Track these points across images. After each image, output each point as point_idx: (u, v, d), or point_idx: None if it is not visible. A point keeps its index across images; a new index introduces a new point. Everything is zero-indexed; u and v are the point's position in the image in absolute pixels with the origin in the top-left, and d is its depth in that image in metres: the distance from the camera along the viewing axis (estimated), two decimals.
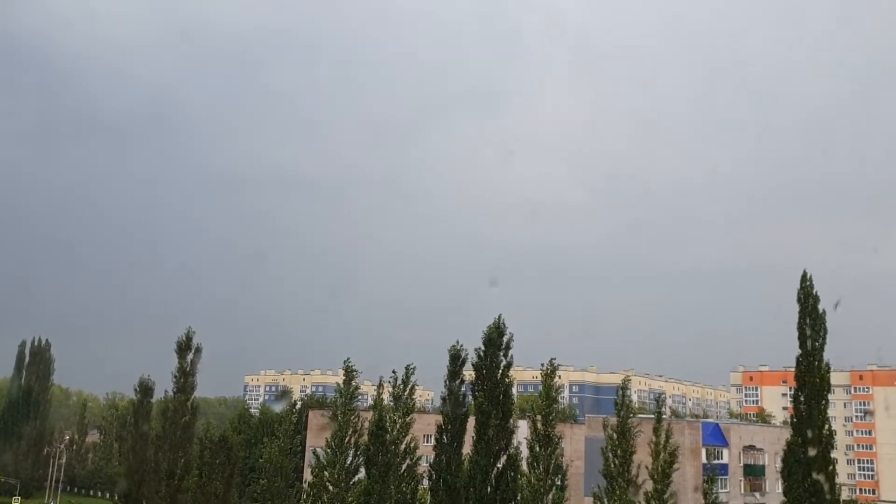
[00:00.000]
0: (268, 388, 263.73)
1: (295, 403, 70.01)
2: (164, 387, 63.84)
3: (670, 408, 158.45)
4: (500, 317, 48.13)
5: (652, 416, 55.52)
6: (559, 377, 53.20)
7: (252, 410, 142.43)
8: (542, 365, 50.26)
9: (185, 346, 60.67)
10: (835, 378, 56.12)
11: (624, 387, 52.16)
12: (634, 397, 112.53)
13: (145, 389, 67.53)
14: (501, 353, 47.81)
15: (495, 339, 47.76)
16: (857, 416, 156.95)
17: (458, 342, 48.26)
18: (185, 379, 60.68)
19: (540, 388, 50.26)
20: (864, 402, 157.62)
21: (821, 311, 45.78)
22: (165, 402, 62.24)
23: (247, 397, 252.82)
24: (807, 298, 45.79)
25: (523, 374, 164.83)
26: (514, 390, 54.03)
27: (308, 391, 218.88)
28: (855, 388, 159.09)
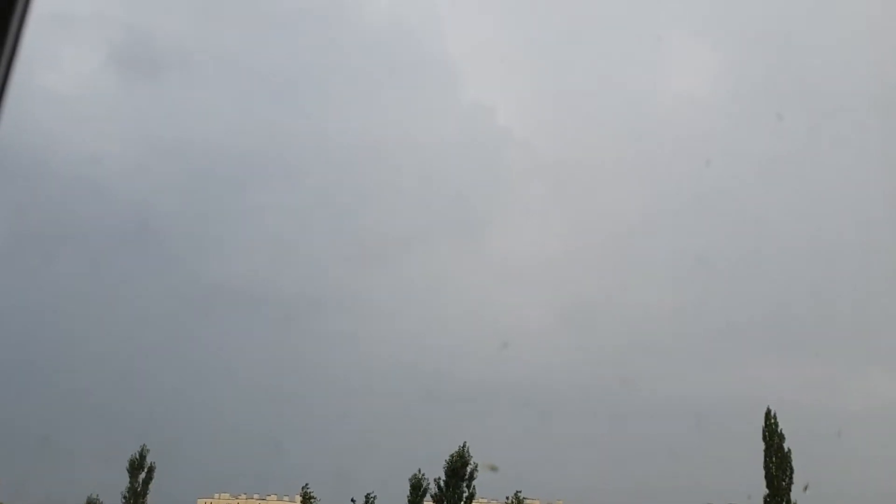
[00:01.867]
0: None
1: None
2: None
3: None
4: (464, 445, 47.34)
5: None
6: None
7: None
8: (508, 498, 49.17)
9: (137, 465, 58.72)
10: None
11: None
12: None
13: None
14: (464, 484, 46.73)
15: (458, 468, 46.76)
16: None
17: (419, 471, 47.19)
18: (135, 500, 58.41)
19: None
20: None
21: (786, 449, 45.63)
22: None
23: None
24: (772, 437, 45.68)
25: None
26: None
27: None
28: None
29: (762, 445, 46.17)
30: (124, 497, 58.06)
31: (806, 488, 45.78)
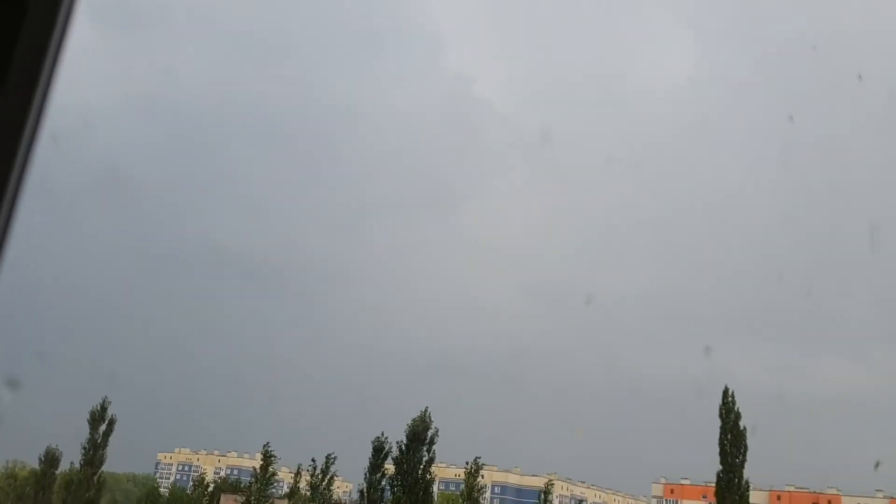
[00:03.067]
0: (181, 468, 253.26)
1: (207, 486, 67.60)
2: (71, 458, 61.03)
3: None
4: (426, 410, 47.71)
5: None
6: (482, 476, 52.61)
7: (162, 490, 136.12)
8: (467, 463, 49.72)
9: (98, 417, 58.52)
10: (753, 497, 56.66)
11: (546, 491, 51.89)
12: (556, 502, 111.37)
13: (51, 460, 64.41)
14: (424, 448, 47.15)
15: (420, 433, 47.13)
16: None
17: (382, 434, 47.60)
18: (94, 451, 58.27)
19: (462, 486, 49.54)
20: None
21: (742, 428, 46.52)
22: (70, 475, 59.42)
23: (158, 475, 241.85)
24: (728, 414, 46.57)
25: (446, 471, 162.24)
26: (435, 487, 53.12)
27: (223, 473, 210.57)
28: None
29: (718, 423, 46.97)
30: (84, 448, 57.94)
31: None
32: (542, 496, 51.54)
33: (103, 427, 58.54)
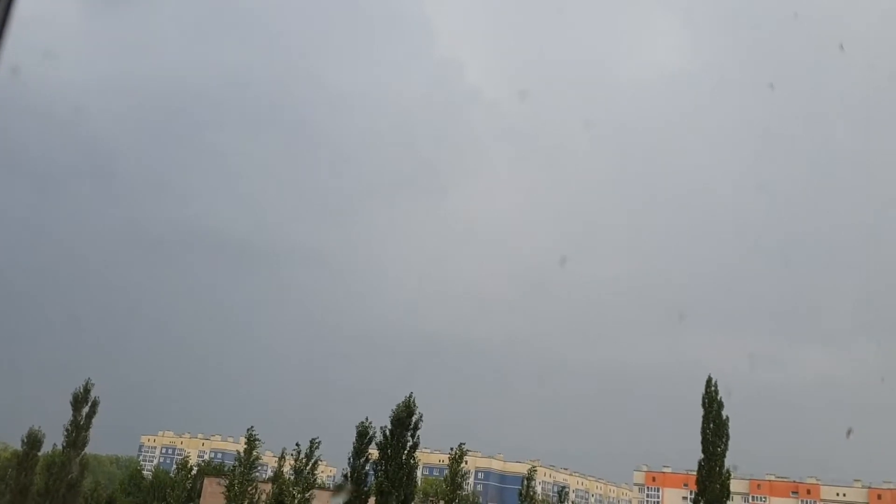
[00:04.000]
0: (164, 451, 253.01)
1: (191, 469, 67.46)
2: (54, 439, 60.80)
3: (573, 502, 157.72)
4: (410, 395, 47.70)
5: None
6: (466, 462, 52.77)
7: (145, 472, 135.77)
8: (451, 449, 49.79)
9: (81, 399, 58.31)
10: (734, 485, 57.16)
11: (529, 478, 52.13)
12: (539, 489, 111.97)
13: (34, 441, 64.06)
14: (409, 434, 47.21)
15: (404, 418, 47.19)
16: None
17: (367, 419, 47.62)
18: (77, 433, 58.07)
19: (446, 472, 49.67)
20: None
21: (724, 417, 46.84)
22: (53, 457, 59.21)
23: (141, 458, 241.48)
24: (711, 403, 46.85)
25: (430, 456, 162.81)
26: (419, 472, 53.24)
27: (206, 457, 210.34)
28: (753, 497, 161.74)
29: (700, 412, 47.24)
30: (66, 430, 57.69)
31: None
32: (525, 482, 51.77)
33: (86, 409, 58.33)
